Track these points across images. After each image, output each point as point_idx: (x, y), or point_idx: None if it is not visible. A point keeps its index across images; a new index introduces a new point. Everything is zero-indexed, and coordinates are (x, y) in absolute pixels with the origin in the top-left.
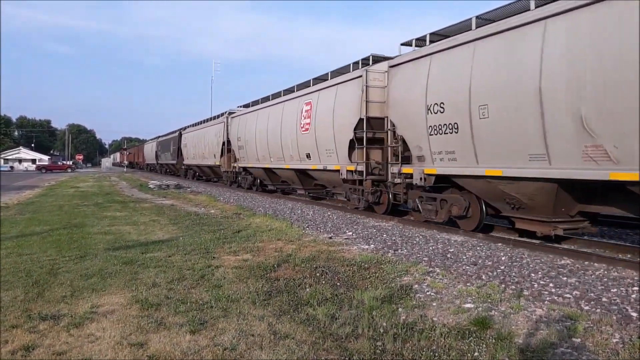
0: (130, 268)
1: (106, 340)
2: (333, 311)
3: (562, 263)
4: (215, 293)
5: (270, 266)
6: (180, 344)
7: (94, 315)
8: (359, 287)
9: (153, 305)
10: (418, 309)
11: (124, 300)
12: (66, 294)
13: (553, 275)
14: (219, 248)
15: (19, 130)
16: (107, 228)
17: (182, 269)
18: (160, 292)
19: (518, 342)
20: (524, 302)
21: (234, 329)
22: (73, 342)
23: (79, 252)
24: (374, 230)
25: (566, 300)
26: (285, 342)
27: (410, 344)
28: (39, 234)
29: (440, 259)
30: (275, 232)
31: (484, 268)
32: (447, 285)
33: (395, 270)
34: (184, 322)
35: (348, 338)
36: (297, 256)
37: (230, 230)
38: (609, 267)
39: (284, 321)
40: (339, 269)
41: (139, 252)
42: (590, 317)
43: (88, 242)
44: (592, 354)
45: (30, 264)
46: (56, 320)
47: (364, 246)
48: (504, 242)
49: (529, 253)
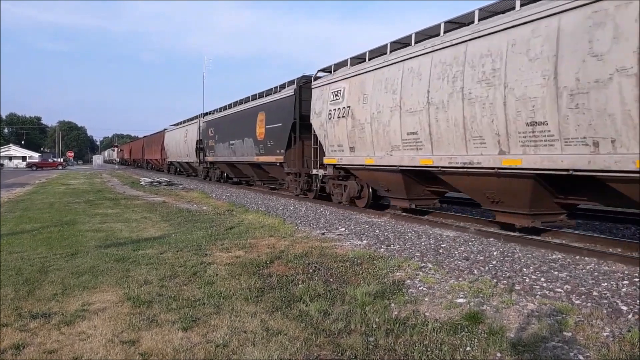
0: (122, 265)
1: (98, 338)
2: (326, 307)
3: (554, 257)
4: (208, 290)
5: (262, 263)
6: (173, 341)
7: (85, 313)
8: (352, 282)
9: (145, 303)
10: (410, 304)
11: (115, 297)
12: (57, 291)
13: (544, 270)
14: (212, 245)
15: (8, 127)
16: (99, 225)
17: (174, 266)
18: (152, 289)
19: (510, 336)
20: (515, 297)
21: (227, 326)
22: (64, 340)
23: (70, 250)
24: (366, 226)
25: (557, 295)
26: (278, 339)
27: (402, 339)
28: (30, 231)
29: (433, 254)
30: (268, 229)
31: (476, 263)
32: (439, 281)
33: (388, 266)
34: (176, 319)
35: (341, 334)
36: (290, 252)
37: (223, 227)
38: (599, 261)
39: (276, 317)
40: (332, 265)
41: (131, 250)
42: (581, 311)
43: (79, 240)
44: (582, 348)
45: (20, 262)
46: (47, 318)
47: (356, 242)
48: (495, 236)
49: (521, 248)
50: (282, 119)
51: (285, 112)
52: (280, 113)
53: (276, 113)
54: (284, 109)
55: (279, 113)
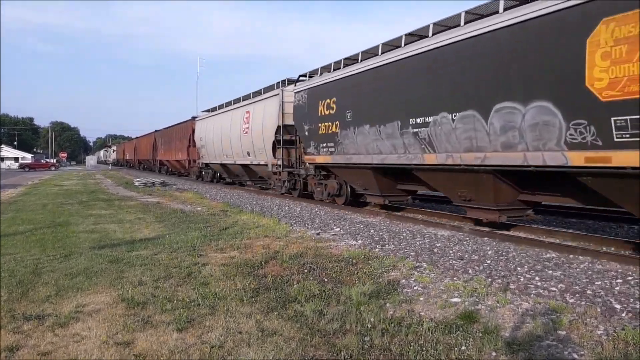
0: (116, 266)
1: (92, 339)
2: (321, 307)
3: (548, 256)
4: (202, 291)
5: (257, 263)
6: (167, 343)
7: (80, 315)
8: (347, 283)
9: (139, 304)
10: (405, 303)
11: (109, 299)
12: (51, 293)
13: (539, 269)
14: (206, 245)
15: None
16: (92, 226)
17: (169, 266)
18: (146, 290)
19: (504, 335)
20: (510, 296)
21: (222, 327)
22: (58, 342)
23: (64, 251)
24: (361, 226)
25: (551, 294)
26: (273, 339)
27: (397, 338)
28: (23, 233)
29: (427, 254)
30: (263, 229)
31: (471, 262)
32: (434, 280)
33: (383, 266)
34: (171, 321)
35: (336, 334)
36: (285, 253)
37: (217, 228)
38: (593, 260)
39: (271, 318)
40: (327, 265)
41: (125, 251)
42: (575, 310)
43: (73, 241)
44: (577, 346)
45: (13, 264)
46: (41, 320)
47: (351, 242)
48: (490, 236)
49: (515, 247)
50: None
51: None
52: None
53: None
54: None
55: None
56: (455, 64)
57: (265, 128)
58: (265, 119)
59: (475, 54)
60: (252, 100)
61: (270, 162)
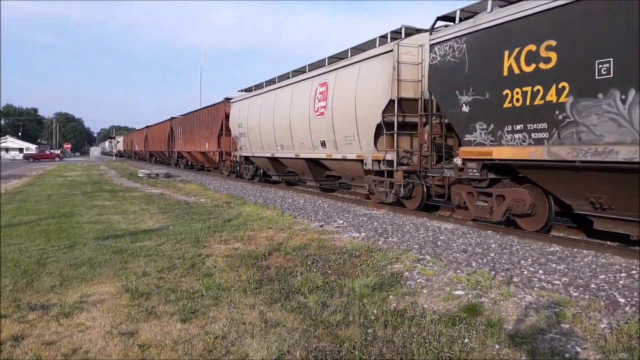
0: (120, 257)
1: (96, 329)
2: (324, 299)
3: (552, 250)
4: (206, 282)
5: (261, 255)
6: (171, 333)
7: (84, 305)
8: (350, 275)
9: (143, 295)
10: (409, 296)
11: (114, 289)
12: (55, 283)
13: (542, 262)
14: (210, 237)
15: (5, 119)
16: (96, 217)
17: (173, 257)
18: (150, 281)
19: (508, 328)
20: (513, 289)
21: (225, 318)
22: (63, 331)
23: (68, 242)
24: (364, 218)
25: (555, 287)
26: (277, 330)
27: (400, 330)
28: (27, 223)
29: (431, 247)
30: (266, 221)
31: (474, 255)
32: (438, 273)
33: (386, 258)
34: (175, 311)
35: (339, 325)
36: (288, 245)
37: (221, 219)
38: (597, 253)
39: (275, 309)
40: (330, 257)
41: (129, 241)
42: (578, 303)
43: (77, 232)
44: (580, 340)
45: (18, 254)
46: (45, 310)
47: (354, 234)
48: (494, 229)
49: (519, 240)
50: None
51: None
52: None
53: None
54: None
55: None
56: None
57: (362, 104)
58: (363, 91)
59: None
60: (332, 67)
61: (371, 157)
